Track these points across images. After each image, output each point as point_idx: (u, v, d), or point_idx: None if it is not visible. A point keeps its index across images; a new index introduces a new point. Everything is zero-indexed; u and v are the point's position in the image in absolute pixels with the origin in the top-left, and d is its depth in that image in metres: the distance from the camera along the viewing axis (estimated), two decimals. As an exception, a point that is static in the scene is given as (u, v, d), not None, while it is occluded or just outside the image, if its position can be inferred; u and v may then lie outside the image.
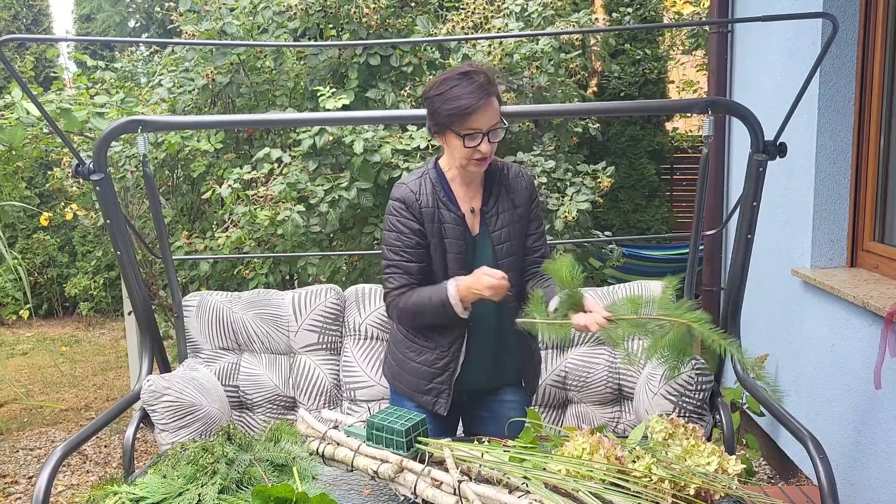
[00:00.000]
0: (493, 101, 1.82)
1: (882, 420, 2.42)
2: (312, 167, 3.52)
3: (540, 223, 2.04)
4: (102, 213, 2.20)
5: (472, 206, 1.96)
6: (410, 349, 2.02)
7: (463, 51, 4.03)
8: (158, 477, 1.66)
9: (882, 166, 2.75)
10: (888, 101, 2.71)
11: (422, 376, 1.99)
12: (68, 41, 7.74)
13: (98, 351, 6.21)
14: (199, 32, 3.80)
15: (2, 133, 3.41)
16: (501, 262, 1.94)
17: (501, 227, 1.95)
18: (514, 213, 1.97)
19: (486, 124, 1.81)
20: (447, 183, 1.96)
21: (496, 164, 2.00)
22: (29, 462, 3.94)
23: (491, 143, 1.84)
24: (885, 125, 2.73)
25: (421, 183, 1.94)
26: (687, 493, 1.51)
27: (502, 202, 1.97)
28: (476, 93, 1.78)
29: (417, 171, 1.99)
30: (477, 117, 1.79)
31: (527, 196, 2.00)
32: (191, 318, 2.56)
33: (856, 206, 2.88)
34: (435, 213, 1.92)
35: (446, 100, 1.79)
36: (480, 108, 1.78)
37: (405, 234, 1.91)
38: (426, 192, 1.92)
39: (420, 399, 2.01)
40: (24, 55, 7.11)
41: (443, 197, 1.93)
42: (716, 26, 4.03)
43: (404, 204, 1.92)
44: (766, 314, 3.46)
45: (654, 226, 6.94)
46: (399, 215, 1.92)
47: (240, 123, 3.32)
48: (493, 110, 1.82)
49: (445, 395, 1.98)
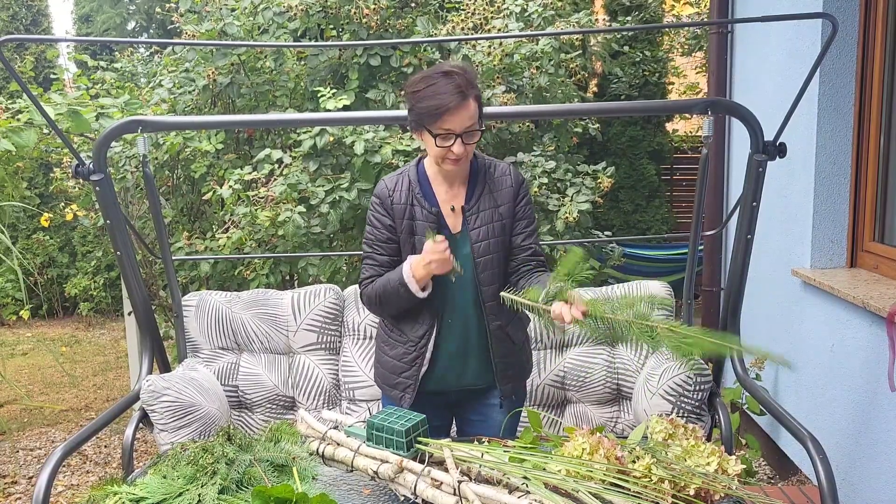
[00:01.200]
0: (469, 104, 1.80)
1: (882, 420, 2.42)
2: (313, 168, 3.52)
3: (530, 221, 2.01)
4: (102, 214, 2.21)
5: (453, 205, 1.96)
6: (386, 343, 2.05)
7: (463, 51, 4.03)
8: (158, 477, 1.66)
9: (882, 166, 2.75)
10: (888, 102, 2.71)
11: (392, 370, 2.01)
12: (68, 41, 7.75)
13: (98, 351, 6.21)
14: (200, 33, 3.81)
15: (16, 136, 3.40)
16: (478, 261, 1.94)
17: (480, 226, 1.94)
18: (495, 211, 1.96)
19: (460, 126, 1.80)
20: (427, 181, 1.97)
21: (482, 161, 2.00)
22: (29, 462, 3.94)
23: (465, 145, 1.83)
24: (884, 125, 2.73)
25: (398, 180, 1.98)
26: (687, 493, 1.51)
27: (484, 200, 1.96)
28: (452, 94, 1.77)
29: (400, 169, 2.03)
30: (451, 118, 1.78)
31: (510, 195, 1.98)
32: (190, 318, 2.56)
33: (856, 206, 2.88)
34: (406, 209, 1.94)
35: (422, 98, 1.79)
36: (455, 109, 1.77)
37: (378, 229, 1.98)
38: (401, 188, 1.95)
39: (390, 392, 2.04)
40: (24, 56, 7.11)
41: (418, 194, 1.94)
42: (716, 27, 4.04)
43: (379, 199, 1.97)
44: (766, 314, 3.46)
45: (654, 226, 6.94)
46: (374, 210, 1.99)
47: (240, 124, 3.32)
48: (469, 113, 1.81)
49: (411, 390, 1.98)
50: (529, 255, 2.00)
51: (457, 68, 1.83)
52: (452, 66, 1.85)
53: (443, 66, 1.86)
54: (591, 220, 3.99)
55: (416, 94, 1.81)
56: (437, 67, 1.87)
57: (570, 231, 3.74)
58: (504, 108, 3.66)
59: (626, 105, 4.74)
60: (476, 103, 1.83)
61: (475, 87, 1.83)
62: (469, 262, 1.94)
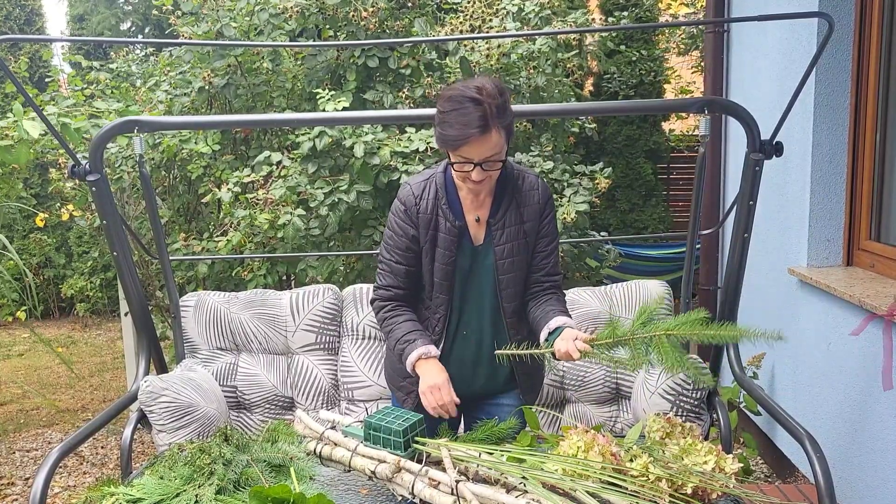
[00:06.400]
0: (491, 136, 1.69)
1: (878, 417, 2.43)
2: (311, 170, 3.52)
3: (551, 240, 1.93)
4: (99, 214, 2.20)
5: (478, 215, 1.89)
6: None
7: (461, 53, 4.03)
8: (155, 478, 1.66)
9: (878, 165, 2.76)
10: (884, 100, 2.72)
11: (399, 372, 1.98)
12: (63, 41, 7.72)
13: (95, 352, 6.20)
14: (197, 35, 3.80)
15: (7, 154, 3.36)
16: (502, 278, 1.88)
17: (506, 242, 1.87)
18: (520, 227, 1.88)
19: (479, 156, 1.71)
20: (454, 190, 1.88)
21: (511, 171, 1.90)
22: (25, 463, 3.93)
23: (485, 172, 1.74)
24: (880, 124, 2.74)
25: (425, 186, 1.88)
26: (684, 491, 1.51)
27: (511, 215, 1.88)
28: (474, 125, 1.66)
29: (426, 173, 1.93)
30: (469, 149, 1.70)
31: (537, 211, 1.90)
32: (188, 319, 2.55)
33: (852, 204, 2.88)
34: (432, 220, 1.86)
35: (443, 122, 1.71)
36: (474, 141, 1.68)
37: (399, 236, 1.89)
38: (428, 196, 1.87)
39: (396, 393, 2.04)
40: (18, 56, 7.09)
41: (444, 205, 1.86)
42: (712, 26, 4.04)
43: (404, 206, 1.88)
44: (763, 313, 3.46)
45: (652, 225, 6.95)
46: (397, 216, 1.90)
47: (236, 124, 3.31)
48: (490, 144, 1.70)
49: (413, 396, 1.95)
50: (543, 275, 1.93)
51: (487, 92, 1.68)
52: (484, 87, 1.70)
53: (473, 87, 1.70)
54: (588, 221, 3.99)
55: (442, 115, 1.72)
56: (468, 88, 1.70)
57: (567, 231, 3.74)
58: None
59: (624, 104, 4.75)
60: (502, 133, 1.72)
61: (504, 116, 1.71)
62: (490, 274, 1.89)
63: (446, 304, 1.90)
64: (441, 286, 1.89)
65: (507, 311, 1.92)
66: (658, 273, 6.05)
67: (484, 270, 1.90)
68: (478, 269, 1.90)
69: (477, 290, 1.91)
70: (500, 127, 1.70)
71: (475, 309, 1.93)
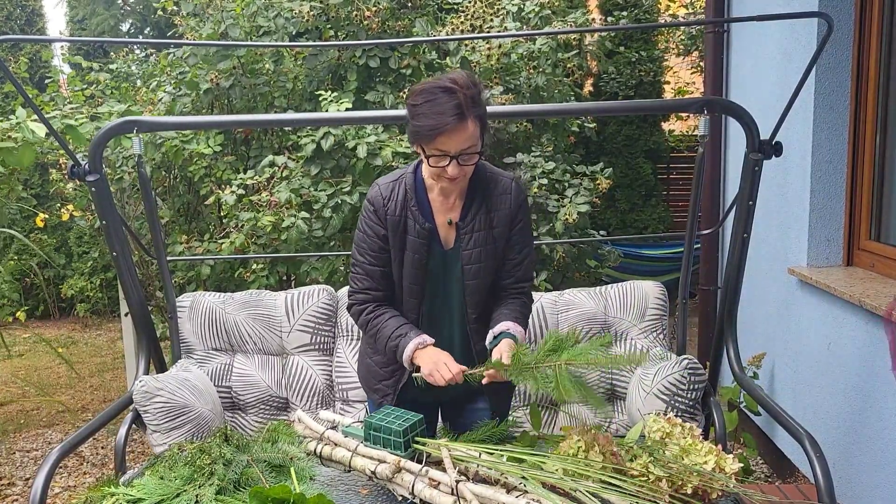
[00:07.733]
0: (467, 126, 1.66)
1: (878, 418, 2.43)
2: (314, 172, 3.52)
3: (521, 248, 1.88)
4: (98, 215, 2.20)
5: (449, 217, 1.84)
6: (370, 346, 1.99)
7: (462, 53, 4.03)
8: (156, 478, 1.66)
9: (878, 165, 2.76)
10: (884, 100, 2.72)
11: (373, 374, 1.98)
12: (63, 41, 7.72)
13: (95, 352, 6.19)
14: (200, 36, 3.80)
15: (10, 156, 3.34)
16: (468, 284, 1.85)
17: (473, 247, 1.83)
18: (489, 233, 1.83)
19: (456, 148, 1.67)
20: (424, 191, 1.84)
21: (484, 174, 1.85)
22: (25, 464, 3.93)
23: (462, 166, 1.70)
24: (880, 124, 2.74)
25: (394, 187, 1.84)
26: (684, 491, 1.51)
27: (480, 219, 1.82)
28: (450, 114, 1.64)
29: (396, 173, 1.89)
30: (446, 140, 1.66)
31: (507, 217, 1.84)
32: (184, 319, 2.55)
33: (852, 204, 2.88)
34: (401, 221, 1.82)
35: (418, 114, 1.68)
36: (451, 131, 1.65)
37: (371, 237, 1.85)
38: (397, 198, 1.82)
39: (371, 395, 2.02)
40: (19, 56, 7.09)
41: (413, 207, 1.81)
42: (711, 26, 4.04)
43: (373, 206, 1.84)
44: (763, 313, 3.46)
45: (651, 225, 6.95)
46: (367, 217, 1.85)
47: (236, 124, 3.31)
48: (467, 134, 1.67)
49: (389, 398, 1.93)
50: (513, 282, 1.90)
51: (461, 83, 1.67)
52: (457, 79, 1.69)
53: (446, 78, 1.70)
54: (588, 222, 3.99)
55: (414, 108, 1.69)
56: (439, 80, 1.70)
57: (567, 232, 3.74)
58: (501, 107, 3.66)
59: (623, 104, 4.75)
60: (477, 123, 1.69)
61: (478, 106, 1.69)
62: (459, 284, 1.86)
63: (416, 308, 1.87)
64: (411, 290, 1.86)
65: (471, 317, 1.89)
66: (658, 273, 6.05)
67: (454, 275, 1.86)
68: (449, 273, 1.86)
69: (447, 296, 1.88)
70: (475, 117, 1.68)
71: (446, 314, 1.90)
